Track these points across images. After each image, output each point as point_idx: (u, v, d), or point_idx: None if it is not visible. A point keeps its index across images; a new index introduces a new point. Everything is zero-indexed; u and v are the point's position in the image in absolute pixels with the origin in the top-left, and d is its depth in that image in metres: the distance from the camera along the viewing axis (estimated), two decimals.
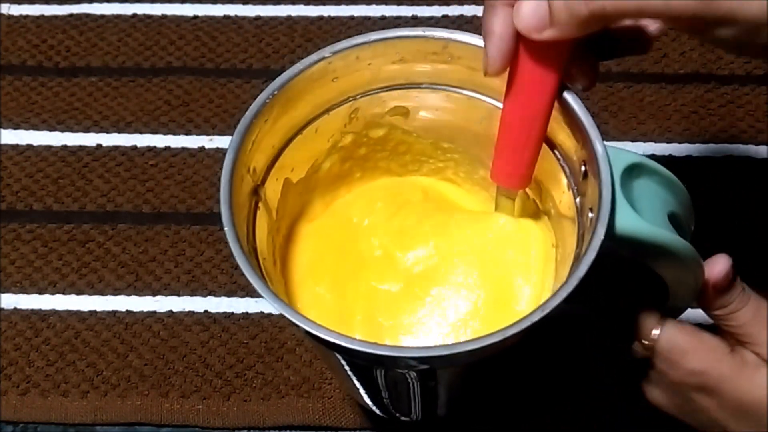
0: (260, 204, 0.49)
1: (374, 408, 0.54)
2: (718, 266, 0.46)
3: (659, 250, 0.44)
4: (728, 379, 0.45)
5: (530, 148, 0.47)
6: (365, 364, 0.45)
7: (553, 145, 0.49)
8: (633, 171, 0.45)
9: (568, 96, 0.46)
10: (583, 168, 0.46)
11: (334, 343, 0.41)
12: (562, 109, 0.46)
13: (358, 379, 0.49)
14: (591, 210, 0.44)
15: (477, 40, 0.48)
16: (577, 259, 0.43)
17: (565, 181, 0.48)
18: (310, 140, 0.52)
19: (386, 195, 0.56)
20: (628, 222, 0.43)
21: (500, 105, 0.49)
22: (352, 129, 0.53)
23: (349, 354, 0.44)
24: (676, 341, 0.46)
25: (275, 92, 0.48)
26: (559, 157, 0.49)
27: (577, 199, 0.47)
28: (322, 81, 0.49)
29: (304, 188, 0.54)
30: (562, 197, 0.49)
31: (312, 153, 0.53)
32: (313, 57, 0.49)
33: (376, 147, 0.55)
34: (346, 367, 0.47)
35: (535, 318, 0.40)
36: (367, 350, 0.41)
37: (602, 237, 0.42)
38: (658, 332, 0.46)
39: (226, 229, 0.44)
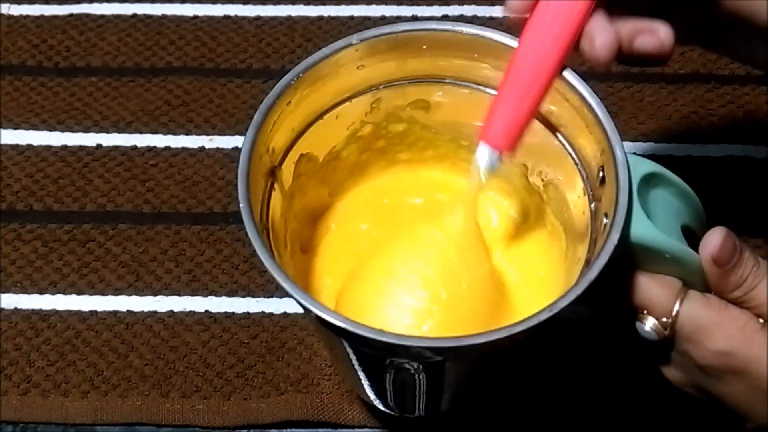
0: (276, 185, 0.49)
1: (377, 402, 0.54)
2: (713, 239, 0.43)
3: (671, 260, 0.44)
4: (758, 360, 0.42)
5: (531, 101, 0.45)
6: (374, 353, 0.45)
7: (572, 149, 0.49)
8: (651, 180, 0.45)
9: (591, 100, 0.46)
10: (600, 173, 0.46)
11: (344, 330, 0.41)
12: (584, 113, 0.46)
13: (363, 371, 0.49)
14: (606, 216, 0.44)
15: (504, 39, 0.48)
16: (588, 263, 0.43)
17: (581, 185, 0.48)
18: (330, 126, 0.52)
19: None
20: (642, 230, 0.43)
21: None
22: (372, 119, 0.53)
23: (359, 342, 0.44)
24: (699, 318, 0.43)
25: (300, 74, 0.48)
26: (578, 161, 0.49)
27: (592, 204, 0.47)
28: (347, 67, 0.50)
29: (320, 173, 0.54)
30: (577, 201, 0.49)
31: (331, 139, 0.53)
32: (341, 42, 0.49)
33: (394, 141, 0.55)
34: (352, 357, 0.47)
35: (543, 317, 0.41)
36: (379, 338, 0.41)
37: (615, 242, 0.42)
38: (679, 308, 0.43)
39: (241, 205, 0.44)
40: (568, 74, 0.47)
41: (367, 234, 0.55)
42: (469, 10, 0.76)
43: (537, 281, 0.53)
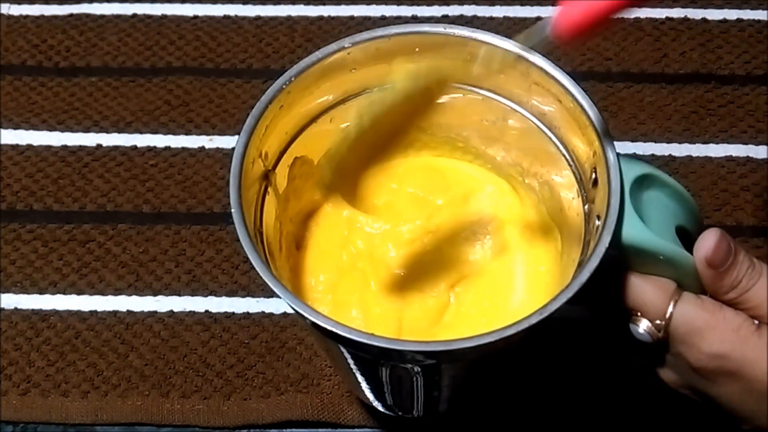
0: (270, 189, 0.49)
1: (376, 403, 0.54)
2: (707, 241, 0.43)
3: (664, 262, 0.43)
4: (753, 362, 0.42)
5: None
6: (370, 357, 0.45)
7: (566, 150, 0.49)
8: (644, 182, 0.45)
9: (584, 102, 0.46)
10: (593, 175, 0.46)
11: (338, 335, 0.41)
12: (577, 114, 0.46)
13: (361, 374, 0.49)
14: (598, 218, 0.44)
15: (497, 41, 0.48)
16: (581, 265, 0.43)
17: (575, 186, 0.48)
18: (324, 129, 0.52)
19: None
20: (635, 232, 0.43)
21: (515, 107, 0.49)
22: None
23: (353, 346, 0.44)
24: (693, 320, 0.43)
25: (292, 79, 0.48)
26: (571, 162, 0.49)
27: (586, 206, 0.47)
28: (340, 71, 0.50)
29: (315, 176, 0.54)
30: (572, 203, 0.49)
31: (325, 142, 0.53)
32: (333, 46, 0.49)
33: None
34: (350, 361, 0.47)
35: (534, 320, 0.41)
36: (372, 342, 0.41)
37: (607, 245, 0.42)
38: (672, 310, 0.43)
39: (233, 210, 0.44)
40: (561, 76, 0.47)
41: (348, 220, 0.55)
42: (469, 10, 0.75)
43: (538, 275, 0.53)
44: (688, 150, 0.68)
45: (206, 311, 0.63)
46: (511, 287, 0.52)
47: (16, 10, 0.77)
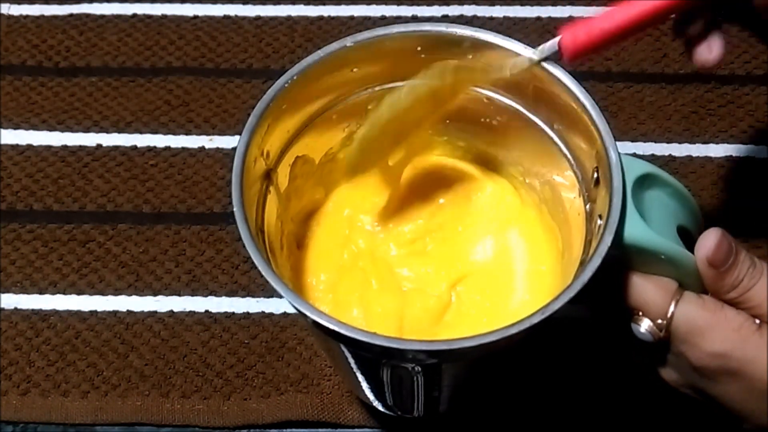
0: (271, 188, 0.49)
1: (376, 403, 0.54)
2: (708, 241, 0.43)
3: (665, 261, 0.44)
4: (754, 361, 0.42)
5: (620, 22, 0.45)
6: (371, 356, 0.45)
7: (567, 150, 0.49)
8: (645, 181, 0.45)
9: (586, 101, 0.46)
10: (595, 174, 0.46)
11: (340, 334, 0.41)
12: (579, 114, 0.46)
13: (361, 373, 0.49)
14: (600, 217, 0.44)
15: (499, 40, 0.48)
16: (582, 264, 0.43)
17: (576, 186, 0.48)
18: (326, 128, 0.52)
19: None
20: (637, 231, 0.43)
21: (517, 107, 0.49)
22: None
23: (355, 345, 0.44)
24: (695, 320, 0.43)
25: (294, 77, 0.48)
26: (573, 162, 0.49)
27: (587, 206, 0.47)
28: (342, 70, 0.50)
29: (316, 175, 0.54)
30: (573, 203, 0.49)
31: (327, 141, 0.53)
32: (335, 45, 0.49)
33: None
34: (350, 360, 0.47)
35: (535, 320, 0.41)
36: (373, 341, 0.41)
37: (609, 244, 0.42)
38: (674, 309, 0.43)
39: (235, 209, 0.44)
40: (562, 75, 0.47)
41: (349, 219, 0.55)
42: (469, 10, 0.76)
43: (540, 275, 0.53)
44: (688, 150, 0.68)
45: (206, 311, 0.63)
46: (512, 287, 0.52)
47: (16, 10, 0.77)
